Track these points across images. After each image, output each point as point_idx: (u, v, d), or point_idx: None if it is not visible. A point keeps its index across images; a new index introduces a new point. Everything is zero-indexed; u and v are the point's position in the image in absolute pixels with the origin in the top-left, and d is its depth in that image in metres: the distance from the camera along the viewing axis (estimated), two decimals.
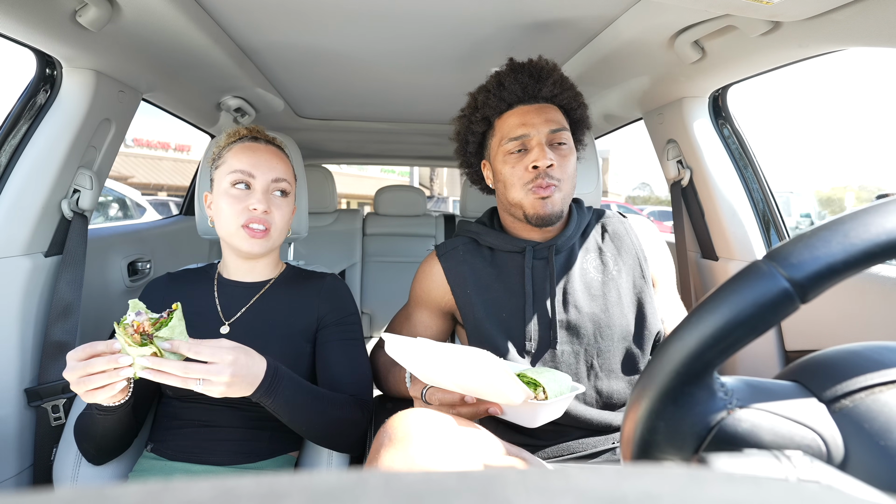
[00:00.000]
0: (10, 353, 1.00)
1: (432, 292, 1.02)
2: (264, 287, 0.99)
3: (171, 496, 0.14)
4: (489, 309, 0.95)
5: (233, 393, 0.72)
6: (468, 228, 1.05)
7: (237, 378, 0.71)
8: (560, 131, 0.93)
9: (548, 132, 0.92)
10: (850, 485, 0.23)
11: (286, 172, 0.96)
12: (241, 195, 0.91)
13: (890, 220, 0.29)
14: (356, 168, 13.80)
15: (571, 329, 0.93)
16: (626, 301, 0.95)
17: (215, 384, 0.70)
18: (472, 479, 0.15)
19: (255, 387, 0.75)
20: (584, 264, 0.98)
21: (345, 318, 0.98)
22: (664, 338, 0.70)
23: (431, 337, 1.05)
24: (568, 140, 0.95)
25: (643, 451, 0.33)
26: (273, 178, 0.93)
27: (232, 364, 0.71)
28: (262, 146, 0.96)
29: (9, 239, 1.01)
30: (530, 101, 0.95)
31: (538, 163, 0.90)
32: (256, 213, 0.90)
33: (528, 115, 0.93)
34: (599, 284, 0.96)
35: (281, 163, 0.96)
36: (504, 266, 0.99)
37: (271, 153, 0.96)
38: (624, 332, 0.93)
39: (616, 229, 1.03)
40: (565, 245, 0.98)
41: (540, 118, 0.93)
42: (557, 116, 0.95)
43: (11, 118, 1.02)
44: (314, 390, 0.85)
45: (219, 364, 0.70)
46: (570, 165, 0.95)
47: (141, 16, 0.93)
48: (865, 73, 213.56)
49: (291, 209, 0.98)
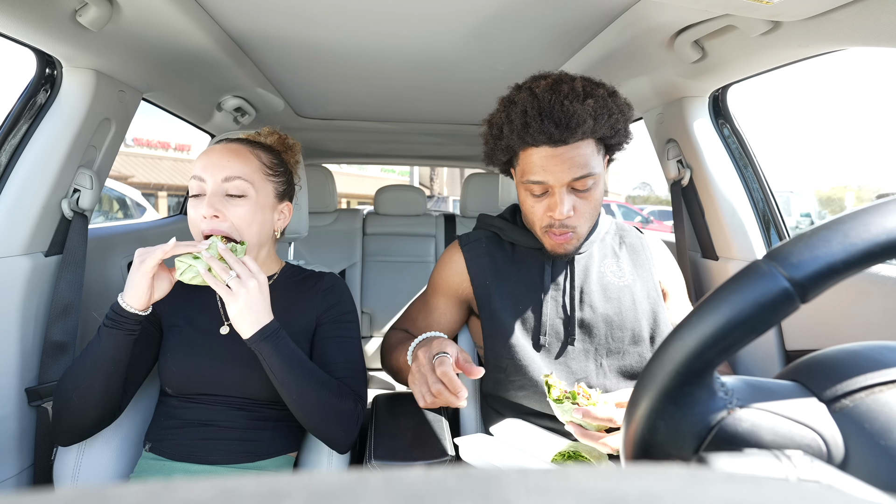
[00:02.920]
0: (10, 353, 1.00)
1: (452, 280, 1.04)
2: None
3: (171, 496, 0.14)
4: (506, 300, 0.97)
5: (242, 319, 0.79)
6: (491, 223, 1.07)
7: (252, 302, 0.79)
8: (584, 177, 0.86)
9: (570, 180, 0.86)
10: (850, 484, 0.23)
11: (243, 170, 0.88)
12: (196, 203, 0.87)
13: (890, 220, 0.29)
14: (356, 168, 13.80)
15: (585, 327, 0.96)
16: (640, 308, 0.97)
17: (237, 294, 0.78)
18: (472, 479, 0.15)
19: (261, 326, 0.80)
20: (602, 267, 1.01)
21: (342, 315, 0.98)
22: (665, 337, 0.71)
23: (446, 324, 1.07)
24: (594, 179, 0.88)
25: (643, 451, 0.33)
26: (223, 178, 0.86)
27: (257, 286, 0.80)
28: (222, 146, 0.90)
29: (9, 239, 1.01)
30: (556, 145, 0.85)
31: (555, 215, 0.88)
32: (206, 220, 0.85)
33: (550, 161, 0.86)
34: (616, 288, 0.98)
35: (237, 160, 0.88)
36: (524, 261, 1.01)
37: (229, 151, 0.89)
38: (636, 337, 0.95)
39: (633, 242, 1.06)
40: (586, 247, 1.01)
41: (563, 166, 0.85)
42: (583, 158, 0.86)
43: (11, 118, 1.02)
44: (312, 366, 0.85)
45: (249, 280, 0.80)
46: (594, 201, 0.91)
47: (141, 16, 0.93)
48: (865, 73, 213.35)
49: (257, 209, 0.89)
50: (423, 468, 0.17)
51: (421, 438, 0.90)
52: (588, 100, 0.84)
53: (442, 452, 0.85)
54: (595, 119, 0.84)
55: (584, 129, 0.84)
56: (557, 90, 0.85)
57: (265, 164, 0.92)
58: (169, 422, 0.91)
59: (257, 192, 0.89)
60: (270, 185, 0.93)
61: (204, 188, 0.87)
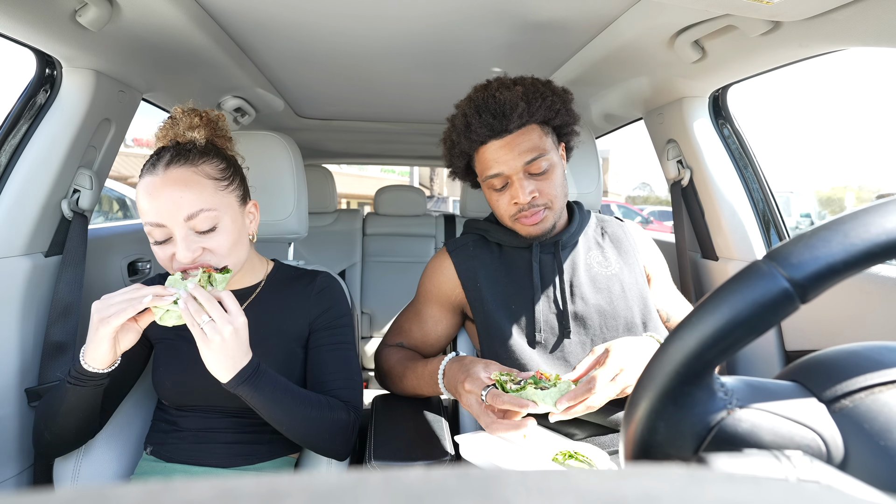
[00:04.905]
0: (10, 353, 1.00)
1: (443, 286, 1.05)
2: (253, 293, 0.95)
3: (171, 496, 0.14)
4: (499, 301, 0.98)
5: (216, 365, 0.73)
6: (476, 226, 1.09)
7: (227, 349, 0.72)
8: (536, 159, 0.92)
9: (523, 165, 0.92)
10: (850, 485, 0.23)
11: (201, 200, 0.78)
12: (164, 249, 0.79)
13: (890, 220, 0.29)
14: (356, 168, 13.80)
15: (579, 320, 0.97)
16: (630, 295, 0.99)
17: (212, 340, 0.71)
18: (472, 479, 0.15)
19: (237, 370, 0.74)
20: (588, 259, 1.02)
21: (336, 320, 0.95)
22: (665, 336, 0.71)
23: (442, 331, 1.07)
24: (548, 161, 0.94)
25: (643, 452, 0.33)
26: (185, 217, 0.77)
27: (233, 332, 0.72)
28: (163, 179, 0.78)
29: (9, 239, 1.01)
30: (501, 136, 0.92)
31: (518, 200, 0.93)
32: (187, 263, 0.78)
33: (500, 152, 0.92)
34: (604, 278, 1.00)
35: (188, 190, 0.77)
36: (512, 261, 1.02)
37: (176, 183, 0.77)
38: (628, 324, 0.97)
39: (615, 231, 1.08)
40: (570, 241, 1.02)
41: (512, 153, 0.91)
42: (531, 142, 0.92)
43: (11, 118, 1.02)
44: (298, 391, 0.82)
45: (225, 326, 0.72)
46: (555, 182, 0.95)
47: (141, 16, 0.93)
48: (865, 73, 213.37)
49: (232, 230, 0.82)
50: (423, 468, 0.17)
51: (421, 438, 0.90)
52: (517, 87, 0.93)
53: (442, 452, 0.85)
54: (528, 102, 0.91)
55: (520, 113, 0.90)
56: (487, 87, 0.95)
57: (215, 177, 0.82)
58: (168, 427, 0.91)
59: (224, 214, 0.81)
60: (231, 196, 0.84)
61: (169, 234, 0.78)
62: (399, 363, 1.02)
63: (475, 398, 0.79)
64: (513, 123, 0.91)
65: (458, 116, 0.97)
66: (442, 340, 1.08)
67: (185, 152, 0.81)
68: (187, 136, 0.84)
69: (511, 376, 0.79)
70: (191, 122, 0.85)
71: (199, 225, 0.78)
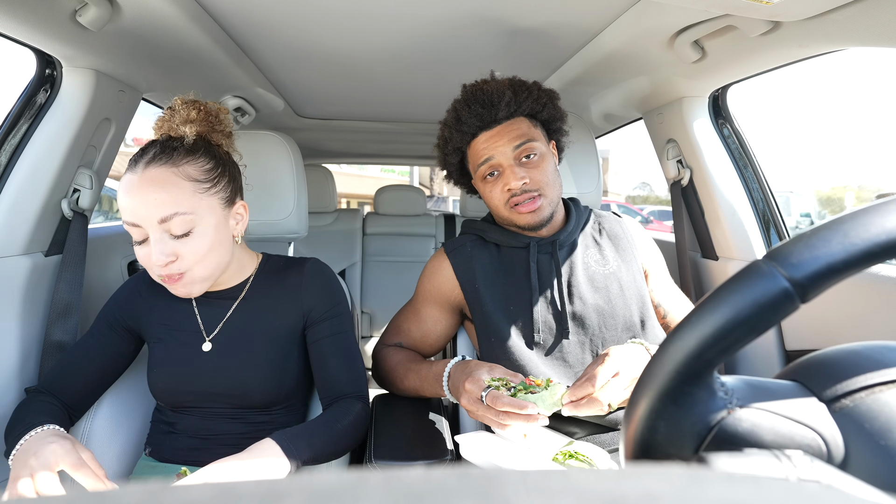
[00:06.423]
0: (10, 353, 0.99)
1: (442, 287, 1.05)
2: (243, 291, 0.92)
3: (171, 496, 0.14)
4: (497, 302, 0.98)
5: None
6: (474, 226, 1.09)
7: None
8: (525, 144, 0.95)
9: (513, 150, 0.95)
10: (850, 484, 0.23)
11: (176, 203, 0.75)
12: (142, 248, 0.78)
13: (890, 220, 0.29)
14: (356, 168, 13.80)
15: (577, 319, 0.97)
16: (628, 293, 0.98)
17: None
18: (472, 479, 0.15)
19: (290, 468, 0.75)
20: (585, 258, 1.02)
21: (332, 309, 0.93)
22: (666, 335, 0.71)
23: (441, 332, 1.07)
24: (537, 148, 0.96)
25: (643, 451, 0.33)
26: (158, 220, 0.75)
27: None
28: (140, 177, 0.76)
29: (9, 239, 1.01)
30: (490, 126, 0.97)
31: (510, 185, 0.95)
32: (160, 268, 0.77)
33: (490, 140, 0.97)
34: (602, 277, 1.00)
35: (163, 192, 0.75)
36: (510, 261, 1.02)
37: (151, 184, 0.75)
38: (627, 323, 0.96)
39: (612, 227, 1.08)
40: (567, 240, 1.02)
41: (502, 140, 0.96)
42: (520, 130, 0.96)
43: (11, 118, 1.02)
44: (320, 424, 0.84)
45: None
46: (547, 171, 0.97)
47: (141, 15, 0.93)
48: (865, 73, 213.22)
49: (209, 235, 0.79)
50: (423, 468, 0.17)
51: (421, 438, 0.90)
52: (503, 80, 0.99)
53: (442, 452, 0.85)
54: (515, 92, 0.96)
55: (507, 102, 0.95)
56: (476, 83, 1.00)
57: (197, 178, 0.79)
58: (166, 427, 0.90)
59: (202, 218, 0.78)
60: (212, 198, 0.80)
61: (145, 234, 0.76)
62: (401, 364, 1.02)
63: (475, 398, 0.80)
64: (501, 112, 0.95)
65: (449, 113, 1.02)
66: (441, 340, 1.08)
67: (170, 151, 0.78)
68: (180, 130, 0.82)
69: (503, 381, 0.79)
70: (187, 115, 0.82)
71: (173, 228, 0.76)
